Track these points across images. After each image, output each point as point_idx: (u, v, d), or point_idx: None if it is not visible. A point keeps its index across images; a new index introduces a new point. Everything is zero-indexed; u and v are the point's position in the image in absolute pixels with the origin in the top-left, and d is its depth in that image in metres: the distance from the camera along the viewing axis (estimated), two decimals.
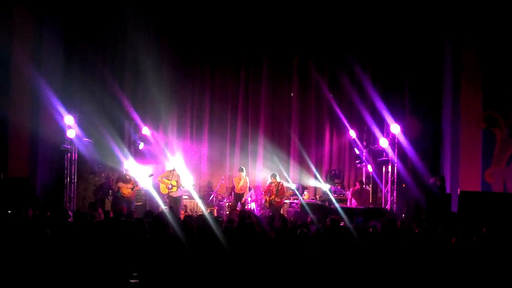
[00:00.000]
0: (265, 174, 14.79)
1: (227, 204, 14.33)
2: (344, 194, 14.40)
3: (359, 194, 13.68)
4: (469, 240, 7.05)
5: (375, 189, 14.86)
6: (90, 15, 14.84)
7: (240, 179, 13.69)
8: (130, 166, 13.91)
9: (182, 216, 9.70)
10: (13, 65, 13.27)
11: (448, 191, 12.67)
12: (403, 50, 14.88)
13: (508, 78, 13.26)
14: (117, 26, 15.25)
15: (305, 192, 14.65)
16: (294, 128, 15.90)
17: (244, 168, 13.89)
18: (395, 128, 13.30)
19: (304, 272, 5.91)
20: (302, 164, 15.57)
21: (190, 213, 13.26)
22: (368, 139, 14.99)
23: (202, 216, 8.85)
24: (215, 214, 13.40)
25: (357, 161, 15.34)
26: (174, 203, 13.00)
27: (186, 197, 14.17)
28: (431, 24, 14.45)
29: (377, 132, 14.32)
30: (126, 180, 13.29)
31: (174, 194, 13.13)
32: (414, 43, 14.70)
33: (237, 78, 16.02)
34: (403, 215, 12.95)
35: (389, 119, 13.77)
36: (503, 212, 10.32)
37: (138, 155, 15.10)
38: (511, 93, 13.32)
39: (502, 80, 13.28)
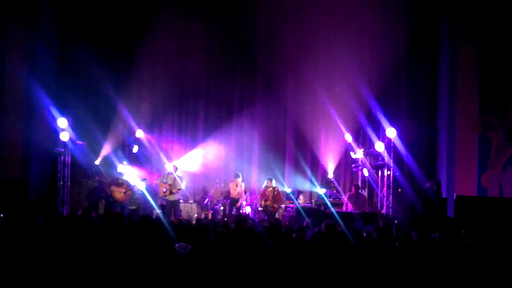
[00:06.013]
0: (260, 178, 14.74)
1: (221, 208, 14.24)
2: (339, 199, 14.33)
3: (355, 199, 13.60)
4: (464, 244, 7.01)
5: (371, 193, 14.77)
6: (84, 18, 14.73)
7: (236, 185, 13.60)
8: (124, 170, 13.82)
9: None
10: (6, 68, 13.19)
11: (444, 195, 12.61)
12: (399, 52, 14.83)
13: (504, 82, 13.25)
14: (111, 28, 15.16)
15: (300, 196, 14.57)
16: (290, 131, 15.82)
17: (240, 174, 13.80)
18: (391, 132, 13.24)
19: (299, 276, 5.86)
20: (297, 168, 15.49)
21: (185, 217, 13.19)
22: (364, 143, 14.92)
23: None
24: (210, 218, 13.38)
25: (352, 165, 15.27)
26: (171, 206, 13.00)
27: (182, 201, 14.08)
28: (427, 27, 14.42)
29: (373, 136, 14.26)
30: (119, 183, 13.19)
31: (171, 198, 13.09)
32: (410, 45, 14.65)
33: (232, 79, 15.95)
34: (399, 220, 12.87)
35: (385, 123, 13.72)
36: (499, 217, 10.30)
37: (132, 158, 15.00)
38: (507, 97, 13.30)
39: (499, 84, 13.27)
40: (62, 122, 13.23)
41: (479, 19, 13.29)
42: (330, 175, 15.27)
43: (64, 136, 13.28)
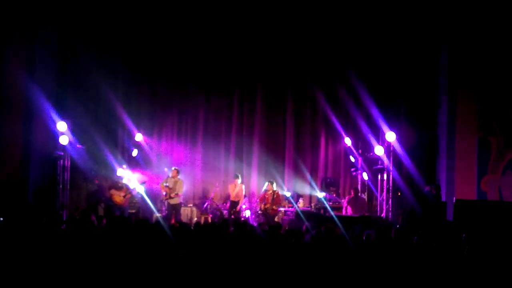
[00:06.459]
0: (260, 182, 14.73)
1: (219, 213, 14.22)
2: (339, 202, 14.31)
3: (354, 202, 13.58)
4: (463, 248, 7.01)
5: (370, 197, 14.76)
6: (84, 23, 14.72)
7: (235, 186, 13.60)
8: (123, 173, 13.80)
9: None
10: (6, 72, 13.18)
11: (443, 199, 12.61)
12: (399, 58, 14.80)
13: (503, 86, 13.25)
14: (111, 32, 15.13)
15: (300, 200, 14.55)
16: (289, 135, 15.80)
17: (239, 175, 13.81)
18: (391, 136, 13.24)
19: (299, 279, 5.85)
20: (297, 171, 15.47)
21: (185, 221, 13.17)
22: (364, 147, 14.91)
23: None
24: (209, 221, 13.36)
25: (352, 169, 15.26)
26: (172, 210, 13.02)
27: (182, 205, 14.04)
28: (427, 34, 14.41)
29: (373, 140, 14.25)
30: (119, 187, 13.18)
31: (171, 202, 13.10)
32: (410, 52, 14.63)
33: (233, 81, 15.89)
34: (399, 224, 12.86)
35: (384, 127, 13.71)
36: (498, 221, 10.30)
37: (132, 162, 14.99)
38: (507, 101, 13.30)
39: (498, 88, 13.27)
40: (61, 125, 13.21)
41: (479, 21, 13.31)
42: (330, 179, 15.26)
43: (64, 140, 13.27)
